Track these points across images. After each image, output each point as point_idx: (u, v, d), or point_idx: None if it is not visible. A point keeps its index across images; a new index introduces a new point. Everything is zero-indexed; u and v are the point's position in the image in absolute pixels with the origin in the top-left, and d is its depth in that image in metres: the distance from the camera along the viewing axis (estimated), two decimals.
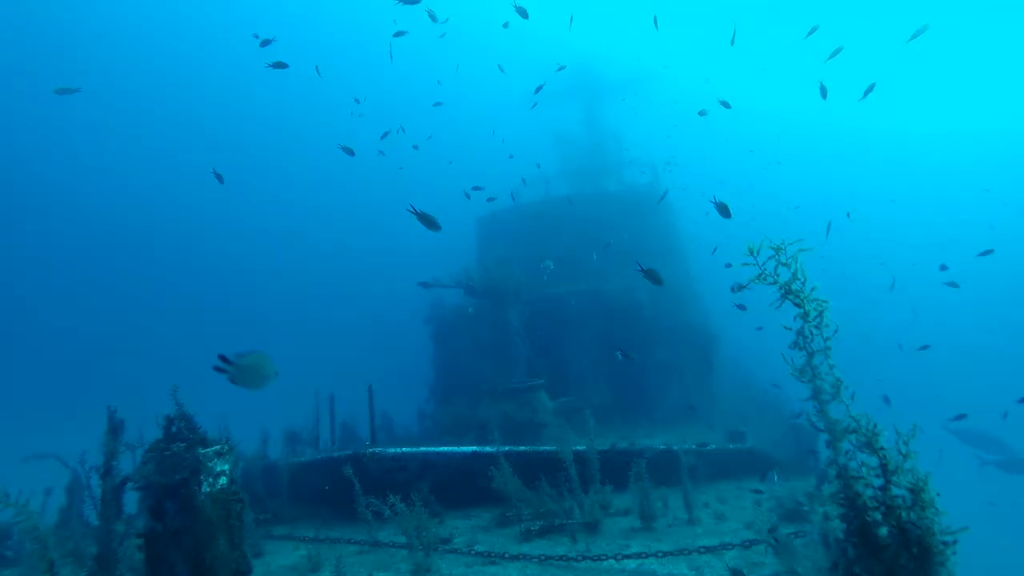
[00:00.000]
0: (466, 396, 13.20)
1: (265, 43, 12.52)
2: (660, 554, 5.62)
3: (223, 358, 4.70)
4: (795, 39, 46.36)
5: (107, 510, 4.52)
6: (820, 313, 3.10)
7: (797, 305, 3.13)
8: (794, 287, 3.11)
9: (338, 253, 59.08)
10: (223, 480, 4.72)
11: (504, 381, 12.58)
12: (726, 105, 12.90)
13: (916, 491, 2.71)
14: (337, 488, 7.14)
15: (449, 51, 37.00)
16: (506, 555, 5.93)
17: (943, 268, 11.72)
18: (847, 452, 2.88)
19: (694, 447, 8.92)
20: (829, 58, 12.53)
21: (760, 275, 3.17)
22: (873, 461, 2.82)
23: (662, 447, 8.65)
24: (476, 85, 48.88)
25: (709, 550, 5.72)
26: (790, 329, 3.13)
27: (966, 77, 49.20)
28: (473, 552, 6.16)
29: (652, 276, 4.84)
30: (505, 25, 16.89)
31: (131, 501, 4.75)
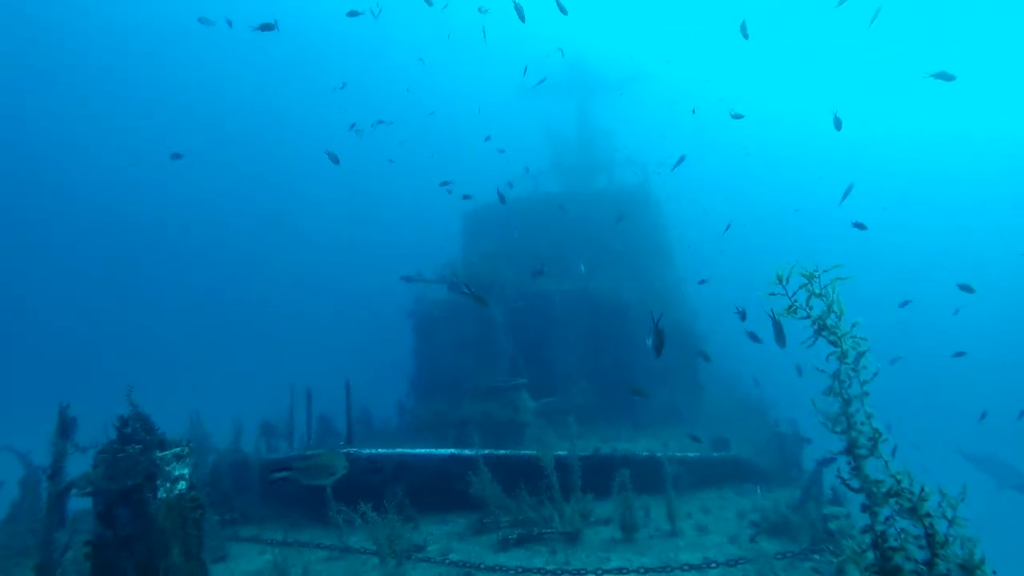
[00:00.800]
0: (447, 392, 12.92)
1: (204, 21, 12.01)
2: (642, 570, 5.40)
3: (276, 469, 5.13)
4: (794, 40, 46.46)
5: (51, 516, 4.19)
6: (860, 355, 2.58)
7: (833, 344, 2.62)
8: (829, 322, 2.61)
9: (325, 246, 58.35)
10: (181, 485, 4.40)
11: (487, 379, 12.31)
12: (737, 116, 12.61)
13: (968, 568, 2.28)
14: (308, 489, 6.84)
15: (443, 45, 36.53)
16: (481, 566, 5.69)
17: (963, 288, 11.06)
18: (887, 519, 2.44)
19: (679, 455, 8.72)
20: (871, 23, 12.21)
21: (791, 307, 2.69)
22: (916, 528, 2.39)
23: (645, 454, 8.45)
24: (471, 80, 48.35)
25: (693, 567, 5.51)
26: (823, 371, 2.65)
27: (968, 80, 49.21)
28: (447, 561, 5.91)
29: (659, 339, 4.56)
30: (480, 10, 16.17)
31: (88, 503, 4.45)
